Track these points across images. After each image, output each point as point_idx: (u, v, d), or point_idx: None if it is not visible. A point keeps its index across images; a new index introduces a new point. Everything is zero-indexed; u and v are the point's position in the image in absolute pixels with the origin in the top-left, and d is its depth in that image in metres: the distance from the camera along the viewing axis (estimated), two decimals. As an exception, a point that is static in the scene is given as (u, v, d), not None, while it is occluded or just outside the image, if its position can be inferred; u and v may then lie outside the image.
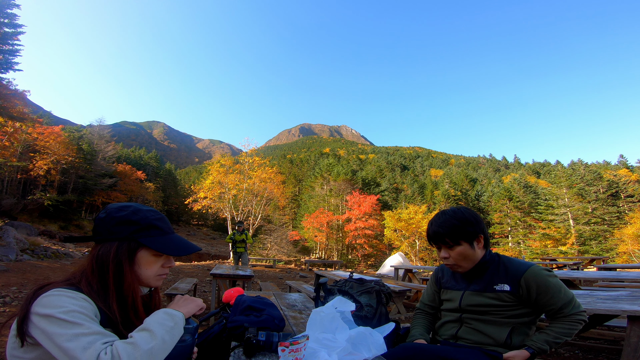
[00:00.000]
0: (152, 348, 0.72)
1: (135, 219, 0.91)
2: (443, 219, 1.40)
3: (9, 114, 18.29)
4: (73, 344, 0.67)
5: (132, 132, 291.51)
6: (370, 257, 27.54)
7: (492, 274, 1.36)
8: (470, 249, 1.36)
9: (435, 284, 1.59)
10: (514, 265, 1.34)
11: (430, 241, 1.46)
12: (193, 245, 1.01)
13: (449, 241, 1.37)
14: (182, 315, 0.86)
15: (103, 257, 0.87)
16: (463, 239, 1.35)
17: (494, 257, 1.40)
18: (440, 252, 1.44)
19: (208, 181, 21.34)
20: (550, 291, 1.26)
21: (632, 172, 37.57)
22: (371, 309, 1.54)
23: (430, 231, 1.44)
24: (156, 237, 0.93)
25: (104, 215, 0.91)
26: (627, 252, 20.87)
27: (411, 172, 77.87)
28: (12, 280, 5.93)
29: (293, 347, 0.97)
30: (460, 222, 1.35)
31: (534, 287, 1.27)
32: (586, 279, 6.98)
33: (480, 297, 1.34)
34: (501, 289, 1.31)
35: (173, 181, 59.59)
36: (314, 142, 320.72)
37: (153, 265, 0.94)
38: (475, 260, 1.37)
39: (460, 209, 1.41)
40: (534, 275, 1.27)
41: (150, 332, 0.76)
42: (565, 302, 1.26)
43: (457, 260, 1.38)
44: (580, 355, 3.02)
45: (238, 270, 4.63)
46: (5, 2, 18.52)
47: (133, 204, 0.96)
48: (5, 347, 0.75)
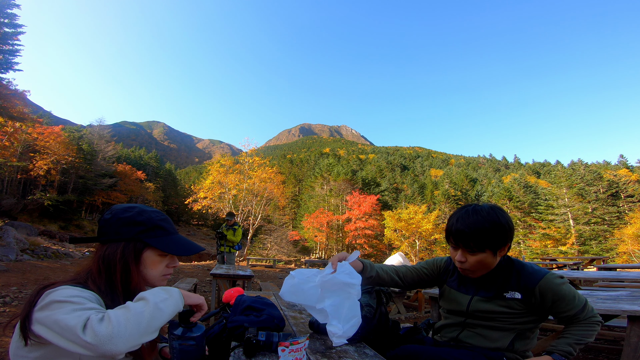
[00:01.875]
0: (143, 312, 0.72)
1: (140, 220, 0.92)
2: (474, 218, 1.19)
3: (9, 114, 18.30)
4: (69, 315, 0.67)
5: (132, 132, 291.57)
6: (370, 257, 27.55)
7: (504, 280, 1.25)
8: (492, 257, 1.21)
9: (437, 271, 1.46)
10: (527, 272, 1.24)
11: (450, 238, 1.27)
12: (197, 245, 1.03)
13: (473, 246, 1.19)
14: (178, 290, 0.86)
15: (110, 258, 0.87)
16: (489, 247, 1.19)
17: (507, 262, 1.29)
18: (455, 252, 1.27)
19: (208, 181, 21.36)
20: (566, 299, 1.21)
21: (632, 172, 37.59)
22: (371, 309, 1.53)
23: (454, 228, 1.24)
24: (161, 238, 0.94)
25: (110, 216, 0.92)
26: (627, 252, 20.88)
27: (411, 172, 77.88)
28: (12, 280, 5.93)
29: (293, 347, 0.98)
30: (493, 227, 1.17)
31: (549, 296, 1.20)
32: (586, 279, 6.98)
33: (489, 304, 1.26)
34: (512, 296, 1.23)
35: (173, 181, 59.61)
36: (314, 142, 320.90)
37: (158, 265, 0.95)
38: (492, 267, 1.26)
39: (495, 211, 1.21)
40: (549, 284, 1.20)
41: (144, 299, 0.76)
42: (580, 307, 1.22)
43: (474, 266, 1.24)
44: (580, 355, 3.02)
45: (238, 271, 4.63)
46: (5, 2, 18.53)
47: (138, 205, 0.97)
48: (7, 347, 0.75)
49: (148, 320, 0.72)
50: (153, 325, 0.73)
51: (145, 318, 0.72)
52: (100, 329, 0.65)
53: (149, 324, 0.72)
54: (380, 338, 1.49)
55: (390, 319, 1.60)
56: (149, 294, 0.79)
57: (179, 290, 0.86)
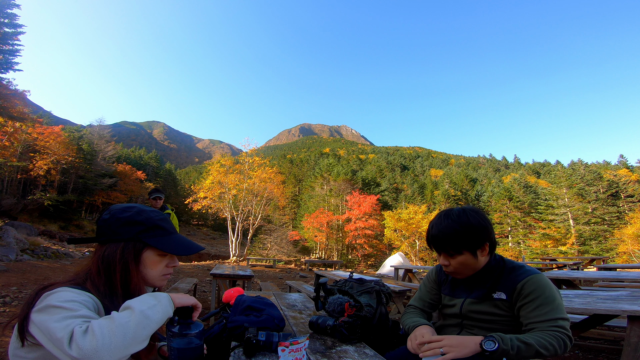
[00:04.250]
0: (128, 322, 0.70)
1: (140, 220, 0.92)
2: (445, 223, 1.23)
3: (9, 114, 18.30)
4: (59, 324, 0.67)
5: (132, 132, 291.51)
6: (370, 257, 27.55)
7: (494, 281, 1.24)
8: (473, 258, 1.22)
9: (435, 283, 1.48)
10: (515, 272, 1.22)
11: (430, 245, 1.31)
12: (196, 244, 1.02)
13: (450, 249, 1.23)
14: (166, 295, 0.84)
15: (109, 258, 0.87)
16: (466, 248, 1.21)
17: (498, 263, 1.27)
18: (439, 257, 1.31)
19: (208, 181, 21.34)
20: (545, 303, 1.10)
21: (632, 172, 37.53)
22: (371, 309, 1.53)
23: (430, 235, 1.29)
24: (161, 237, 0.94)
25: (108, 217, 0.92)
26: (627, 252, 20.87)
27: (411, 172, 77.86)
28: (12, 280, 5.93)
29: (293, 347, 0.97)
30: (465, 229, 1.19)
31: (525, 293, 1.14)
32: (586, 279, 6.99)
33: (480, 305, 1.26)
34: (498, 297, 1.21)
35: (173, 181, 59.59)
36: (314, 142, 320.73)
37: (158, 265, 0.95)
38: (477, 268, 1.25)
39: (466, 212, 1.23)
40: (534, 283, 1.14)
41: (130, 308, 0.74)
42: (555, 318, 1.08)
43: (457, 268, 1.26)
44: (580, 355, 3.02)
45: (238, 271, 4.63)
46: (5, 2, 18.52)
47: (136, 205, 0.97)
48: (6, 347, 0.75)
49: (134, 330, 0.70)
50: (140, 335, 0.71)
51: (131, 328, 0.70)
52: (84, 343, 0.64)
53: (135, 333, 0.70)
54: (380, 338, 1.49)
55: (390, 319, 1.60)
56: (136, 301, 0.77)
57: (167, 295, 0.84)
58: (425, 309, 1.48)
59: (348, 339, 1.30)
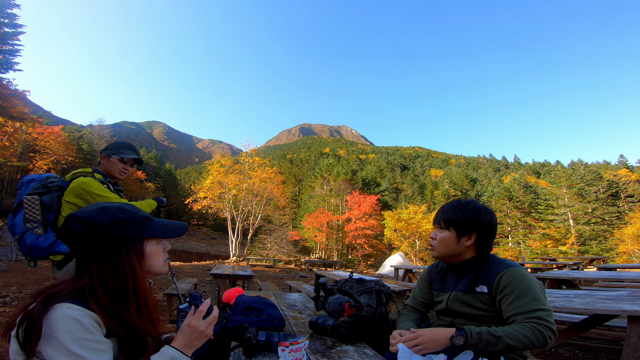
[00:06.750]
0: None
1: (125, 218, 0.85)
2: (454, 202, 1.36)
3: (9, 114, 18.32)
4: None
5: (132, 132, 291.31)
6: (370, 257, 27.54)
7: (477, 274, 1.27)
8: (455, 240, 1.29)
9: (427, 282, 1.51)
10: (495, 266, 1.23)
11: (434, 222, 1.42)
12: (181, 222, 1.00)
13: (442, 222, 1.33)
14: (174, 353, 0.81)
15: (116, 271, 0.81)
16: (453, 226, 1.30)
17: (485, 258, 1.30)
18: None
19: (208, 181, 21.33)
20: (523, 294, 1.09)
21: (632, 172, 37.59)
22: (371, 309, 1.53)
23: (438, 210, 1.42)
24: (152, 226, 0.91)
25: (85, 227, 0.79)
26: (627, 252, 20.87)
27: (411, 172, 77.86)
28: (12, 280, 5.93)
29: (293, 347, 0.98)
30: (463, 210, 1.29)
31: (502, 286, 1.15)
32: (586, 279, 6.99)
33: (465, 297, 1.27)
34: (481, 290, 1.22)
35: (173, 181, 59.55)
36: (314, 142, 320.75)
37: (160, 253, 0.94)
38: (454, 254, 1.30)
39: (475, 203, 1.33)
40: (512, 275, 1.14)
41: None
42: (534, 309, 1.06)
43: (438, 246, 1.33)
44: (580, 355, 3.02)
45: (238, 271, 4.63)
46: (5, 2, 18.53)
47: (100, 205, 0.86)
48: (6, 347, 0.74)
49: None
50: None
51: None
52: None
53: None
54: (380, 338, 1.49)
55: (390, 319, 1.61)
56: None
57: (175, 354, 0.81)
58: (419, 308, 1.52)
59: (348, 339, 1.30)
